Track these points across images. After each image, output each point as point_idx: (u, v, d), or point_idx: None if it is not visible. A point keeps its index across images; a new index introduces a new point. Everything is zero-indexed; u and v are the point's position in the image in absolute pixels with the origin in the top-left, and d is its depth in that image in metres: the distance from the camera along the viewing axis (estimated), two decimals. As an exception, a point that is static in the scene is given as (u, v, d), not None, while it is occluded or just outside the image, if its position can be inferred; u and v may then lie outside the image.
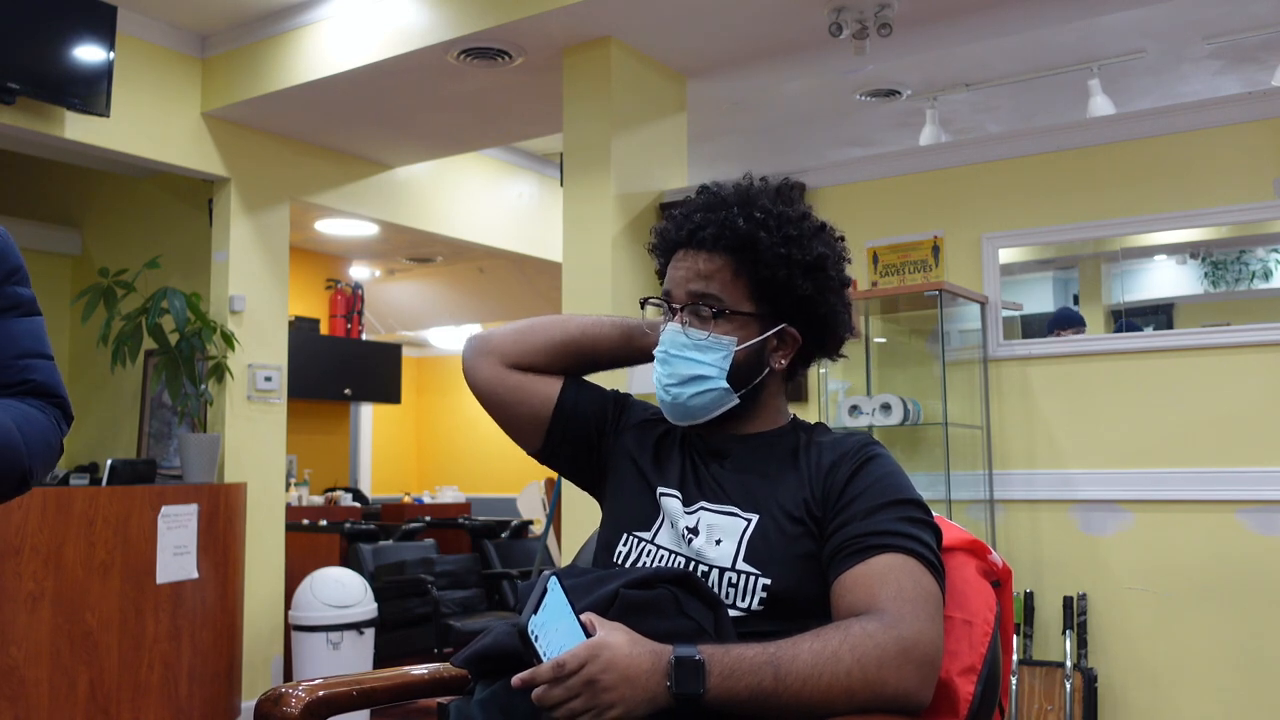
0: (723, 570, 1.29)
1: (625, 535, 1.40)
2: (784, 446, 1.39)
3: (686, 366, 1.37)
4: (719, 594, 1.27)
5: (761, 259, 1.36)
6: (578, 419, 1.50)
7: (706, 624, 1.18)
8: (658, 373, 1.40)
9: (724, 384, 1.37)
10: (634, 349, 1.52)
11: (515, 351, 1.51)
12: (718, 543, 1.31)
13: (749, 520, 1.32)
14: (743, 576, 1.28)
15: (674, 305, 1.41)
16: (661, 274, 1.46)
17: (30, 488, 1.36)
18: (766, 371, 1.40)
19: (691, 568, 1.30)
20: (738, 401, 1.39)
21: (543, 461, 1.55)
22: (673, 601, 1.19)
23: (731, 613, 1.26)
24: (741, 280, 1.37)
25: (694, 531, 1.33)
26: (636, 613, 1.18)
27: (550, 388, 1.51)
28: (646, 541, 1.37)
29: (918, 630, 1.16)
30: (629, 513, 1.42)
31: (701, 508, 1.35)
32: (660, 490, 1.40)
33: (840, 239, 1.45)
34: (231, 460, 4.56)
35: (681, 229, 1.42)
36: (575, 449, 1.51)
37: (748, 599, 1.27)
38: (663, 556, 1.34)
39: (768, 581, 1.27)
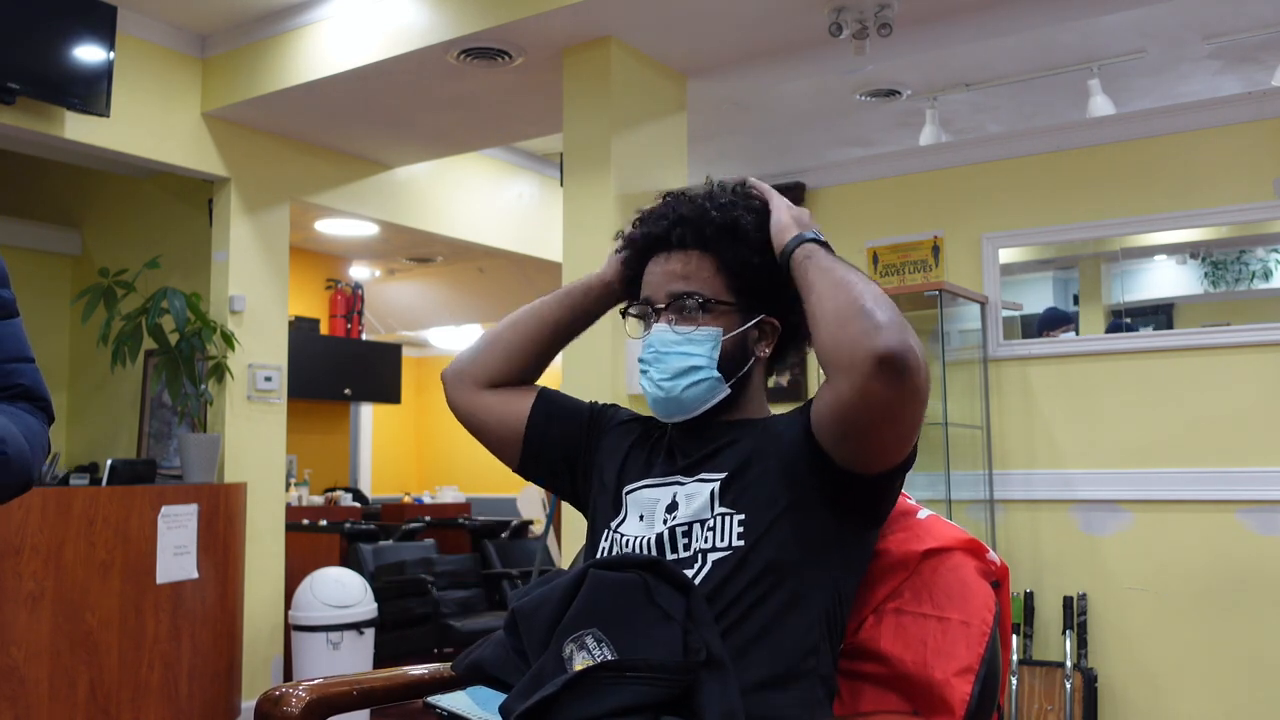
0: (703, 521, 1.32)
1: (605, 531, 1.42)
2: (758, 420, 1.42)
3: (679, 360, 1.39)
4: (703, 544, 1.30)
5: (739, 247, 1.40)
6: (550, 434, 1.54)
7: (676, 611, 1.18)
8: (647, 373, 1.41)
9: (716, 373, 1.39)
10: (585, 313, 1.57)
11: (483, 372, 1.56)
12: (695, 504, 1.34)
13: (721, 475, 1.35)
14: (719, 519, 1.31)
15: (656, 307, 1.43)
16: (635, 280, 1.48)
17: (30, 487, 1.40)
18: (752, 361, 1.43)
19: (670, 536, 1.32)
20: (729, 391, 1.41)
21: (524, 476, 1.60)
22: (642, 588, 1.20)
23: (715, 554, 1.29)
24: (720, 273, 1.41)
25: (674, 507, 1.36)
26: (605, 593, 1.20)
27: (522, 404, 1.55)
28: (614, 532, 1.40)
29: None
30: (603, 511, 1.45)
31: (676, 482, 1.39)
32: (627, 489, 1.43)
33: None
34: (231, 460, 4.56)
35: (655, 231, 1.45)
36: (551, 463, 1.55)
37: (726, 538, 1.30)
38: (628, 542, 1.36)
39: (741, 516, 1.31)
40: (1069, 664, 3.23)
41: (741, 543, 1.29)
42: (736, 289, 1.41)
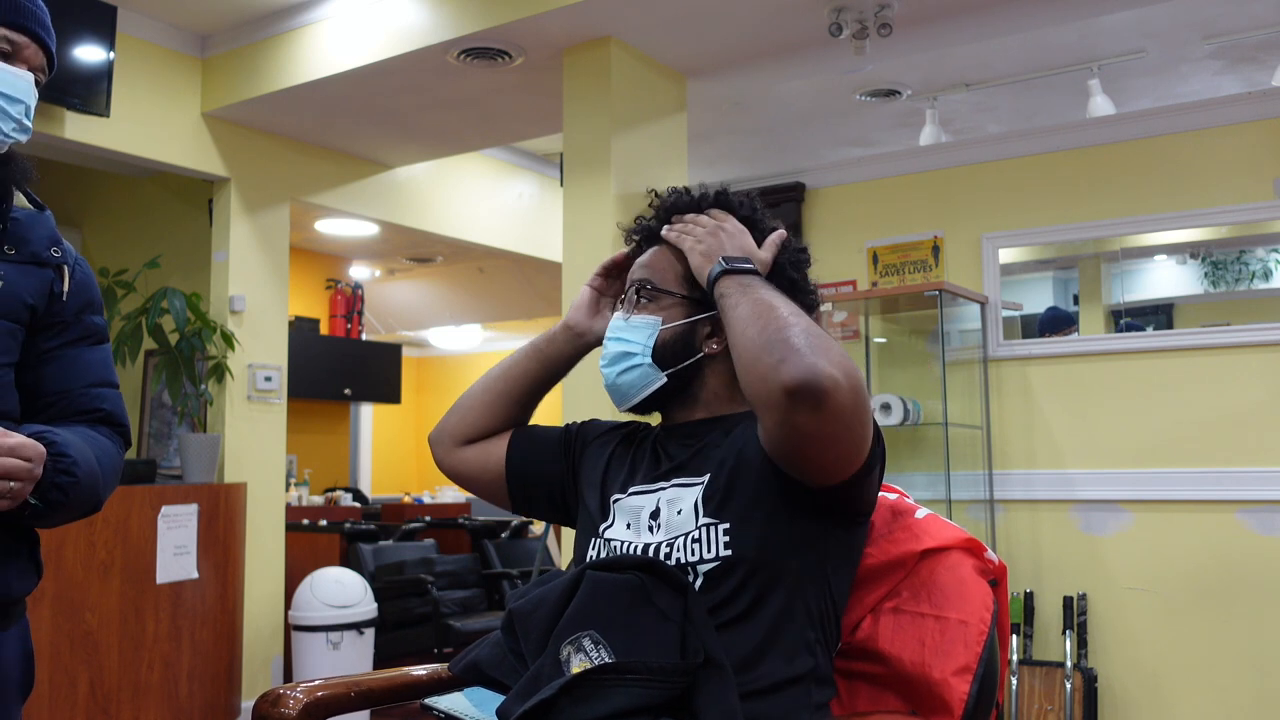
0: (688, 533, 1.31)
1: (592, 539, 1.42)
2: (737, 419, 1.42)
3: (616, 345, 1.44)
4: (690, 557, 1.29)
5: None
6: (530, 470, 1.56)
7: (674, 612, 1.18)
8: (600, 359, 1.47)
9: (648, 360, 1.41)
10: (552, 361, 1.59)
11: (460, 430, 1.59)
12: (679, 512, 1.34)
13: (701, 481, 1.35)
14: (704, 530, 1.30)
15: (621, 299, 1.50)
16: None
17: (99, 510, 1.46)
18: (700, 356, 1.42)
19: (656, 548, 1.32)
20: (665, 380, 1.42)
21: (524, 514, 1.64)
22: (639, 589, 1.19)
23: (704, 566, 1.28)
24: (675, 265, 1.44)
25: (656, 514, 1.36)
26: (603, 594, 1.19)
27: (498, 450, 1.57)
28: (600, 538, 1.40)
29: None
30: (588, 524, 1.45)
31: (659, 489, 1.39)
32: (614, 498, 1.43)
33: (800, 250, 1.47)
34: (231, 460, 4.56)
35: (635, 227, 1.52)
36: (541, 498, 1.57)
37: (714, 549, 1.29)
38: (615, 547, 1.36)
39: (726, 525, 1.30)
40: (1069, 664, 3.23)
41: (729, 552, 1.28)
42: (690, 281, 1.42)
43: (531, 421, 1.64)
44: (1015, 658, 3.35)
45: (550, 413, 1.71)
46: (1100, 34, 4.39)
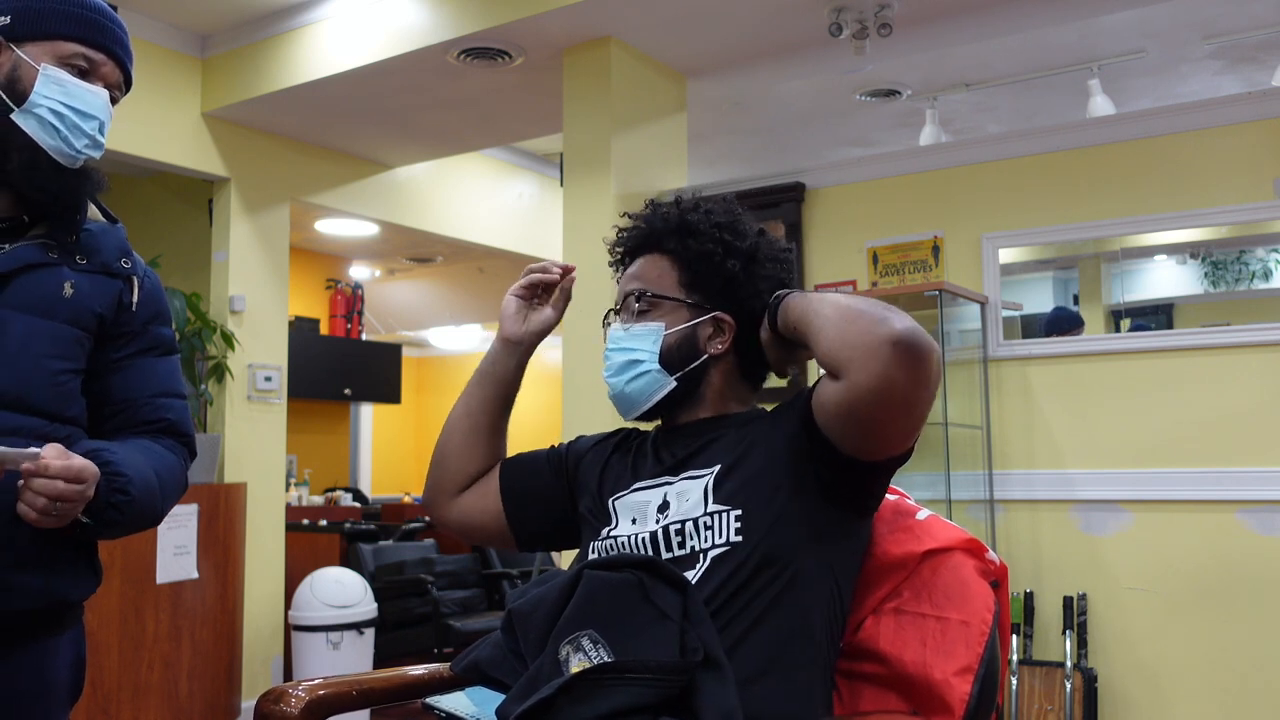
0: (697, 519, 1.32)
1: (591, 545, 1.42)
2: (744, 418, 1.44)
3: (621, 355, 1.45)
4: (703, 543, 1.30)
5: (687, 243, 1.44)
6: (528, 499, 1.56)
7: (673, 611, 1.18)
8: (604, 371, 1.47)
9: (657, 366, 1.43)
10: (502, 379, 1.59)
11: (449, 482, 1.59)
12: (688, 501, 1.35)
13: (711, 471, 1.36)
14: (715, 516, 1.31)
15: (615, 310, 1.51)
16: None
17: (159, 523, 1.48)
18: (705, 358, 1.44)
19: (664, 531, 1.32)
20: (675, 384, 1.43)
21: (533, 549, 1.63)
22: (638, 587, 1.19)
23: (714, 551, 1.29)
24: (672, 271, 1.46)
25: (664, 506, 1.37)
26: (601, 594, 1.19)
27: (492, 489, 1.57)
28: (604, 540, 1.40)
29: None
30: (590, 531, 1.46)
31: (665, 483, 1.39)
32: (613, 498, 1.43)
33: (785, 249, 1.49)
34: (231, 460, 4.56)
35: (620, 241, 1.54)
36: (546, 528, 1.56)
37: (724, 534, 1.30)
38: (623, 543, 1.36)
39: (739, 511, 1.31)
40: (1069, 664, 3.23)
41: (740, 538, 1.29)
42: (687, 285, 1.44)
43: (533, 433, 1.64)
44: (1015, 658, 3.35)
45: (552, 419, 1.71)
46: (1100, 34, 4.40)
